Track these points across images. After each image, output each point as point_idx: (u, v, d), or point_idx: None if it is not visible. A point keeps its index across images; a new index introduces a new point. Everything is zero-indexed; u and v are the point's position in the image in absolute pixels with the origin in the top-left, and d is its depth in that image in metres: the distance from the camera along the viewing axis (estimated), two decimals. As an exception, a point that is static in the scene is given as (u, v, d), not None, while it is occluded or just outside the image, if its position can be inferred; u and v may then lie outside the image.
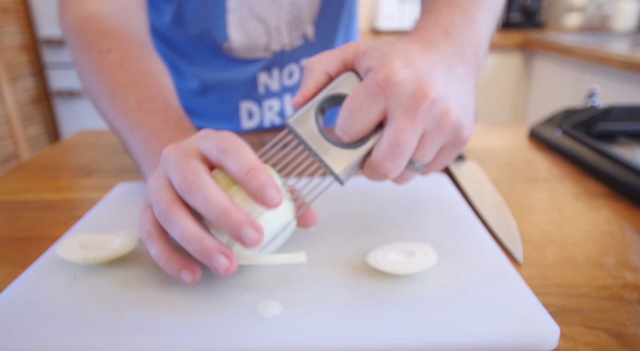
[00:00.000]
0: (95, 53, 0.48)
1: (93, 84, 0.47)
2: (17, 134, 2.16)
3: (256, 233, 0.29)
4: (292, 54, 0.71)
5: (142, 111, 0.43)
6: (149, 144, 0.41)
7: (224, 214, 0.29)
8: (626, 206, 0.48)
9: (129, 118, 0.44)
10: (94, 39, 0.48)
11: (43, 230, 0.44)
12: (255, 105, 0.75)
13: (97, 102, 0.48)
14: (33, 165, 0.63)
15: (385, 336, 0.27)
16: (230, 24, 0.65)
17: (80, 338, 0.28)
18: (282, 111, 0.77)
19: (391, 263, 0.33)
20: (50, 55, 2.25)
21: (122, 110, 0.44)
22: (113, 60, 0.47)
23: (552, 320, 0.29)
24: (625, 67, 1.44)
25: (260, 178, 0.29)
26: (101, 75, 0.46)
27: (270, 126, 0.78)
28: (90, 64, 0.48)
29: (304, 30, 0.69)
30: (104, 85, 0.46)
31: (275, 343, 0.27)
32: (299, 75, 0.75)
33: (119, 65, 0.46)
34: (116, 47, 0.48)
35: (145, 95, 0.44)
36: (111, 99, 0.45)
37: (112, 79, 0.46)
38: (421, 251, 0.34)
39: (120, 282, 0.33)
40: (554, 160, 0.62)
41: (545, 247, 0.40)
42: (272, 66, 0.72)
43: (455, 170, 0.56)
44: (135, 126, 0.43)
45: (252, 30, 0.66)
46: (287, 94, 0.76)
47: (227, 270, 0.29)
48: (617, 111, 0.67)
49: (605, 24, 2.26)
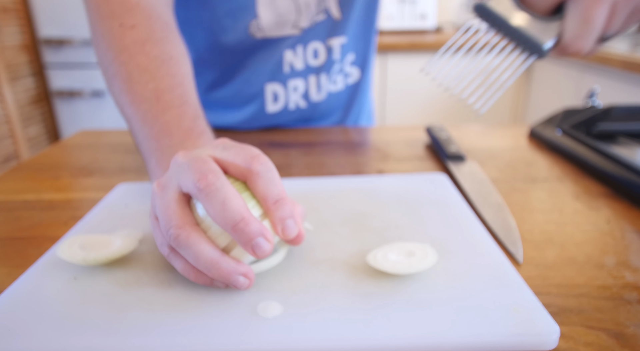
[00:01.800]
0: (117, 26, 0.46)
1: (110, 60, 0.45)
2: (17, 134, 2.16)
3: (269, 244, 0.29)
4: (315, 30, 0.71)
5: (159, 103, 0.42)
6: (160, 141, 0.40)
7: (243, 222, 0.29)
8: (626, 206, 0.48)
9: (143, 108, 0.42)
10: (118, 11, 0.46)
11: (43, 230, 0.44)
12: (281, 86, 0.75)
13: (111, 80, 0.46)
14: (33, 165, 0.63)
15: (385, 336, 0.27)
16: (259, 2, 0.64)
17: (80, 338, 0.28)
18: (306, 92, 0.76)
19: (391, 263, 0.33)
20: (50, 55, 2.25)
21: (137, 97, 0.43)
22: (136, 39, 0.45)
23: (552, 320, 0.29)
24: (625, 67, 1.44)
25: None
26: (120, 53, 0.45)
27: (294, 108, 0.77)
28: (111, 37, 0.46)
29: (326, 4, 0.69)
30: (122, 65, 0.44)
31: (275, 343, 0.27)
32: (325, 55, 0.74)
33: (141, 46, 0.44)
34: (140, 24, 0.46)
35: (164, 85, 0.43)
36: (127, 82, 0.44)
37: (132, 59, 0.44)
38: (421, 251, 0.34)
39: (120, 283, 0.33)
40: (554, 160, 0.62)
41: (545, 247, 0.40)
42: (297, 43, 0.71)
43: (455, 170, 0.56)
44: (149, 118, 0.41)
45: (282, 7, 0.65)
46: (312, 75, 0.75)
47: (246, 288, 0.31)
48: (617, 111, 0.67)
49: (605, 23, 2.26)
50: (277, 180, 0.32)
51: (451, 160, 0.59)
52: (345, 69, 0.80)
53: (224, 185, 0.29)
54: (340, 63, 0.78)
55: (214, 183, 0.29)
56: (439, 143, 0.63)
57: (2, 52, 2.06)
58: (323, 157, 0.63)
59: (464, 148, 0.66)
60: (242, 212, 0.29)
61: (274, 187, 0.31)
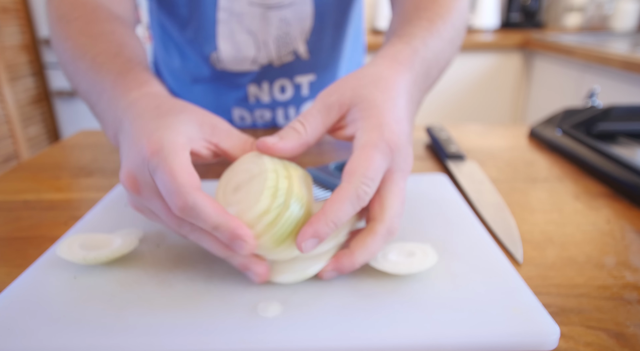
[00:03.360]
0: (65, 23, 0.46)
1: (60, 53, 0.46)
2: (17, 134, 2.16)
3: (245, 242, 0.29)
4: (282, 69, 0.71)
5: (95, 66, 0.41)
6: (100, 102, 0.39)
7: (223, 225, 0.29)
8: (626, 206, 0.48)
9: (86, 78, 0.41)
10: (66, 11, 0.47)
11: (43, 230, 0.44)
12: (247, 112, 0.76)
13: (66, 72, 0.46)
14: (33, 165, 0.63)
15: (385, 336, 0.27)
16: (220, 35, 0.65)
17: (80, 338, 0.28)
18: (274, 120, 0.77)
19: (391, 263, 0.33)
20: (50, 55, 2.25)
21: (81, 71, 0.42)
22: (78, 26, 0.45)
23: (552, 320, 0.29)
24: (625, 67, 1.44)
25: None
26: (65, 41, 0.45)
27: (262, 126, 0.78)
28: (59, 33, 0.46)
29: (294, 46, 0.68)
30: (67, 51, 0.44)
31: (275, 343, 0.27)
32: (292, 91, 0.74)
33: (82, 29, 0.45)
34: (83, 15, 0.46)
35: (99, 49, 0.42)
36: (72, 62, 0.43)
37: (74, 42, 0.44)
38: (421, 251, 0.34)
39: (120, 282, 0.33)
40: (554, 160, 0.62)
41: (545, 247, 0.40)
42: (261, 79, 0.71)
43: (455, 170, 0.56)
44: (90, 83, 0.41)
45: (241, 42, 0.66)
46: (280, 108, 0.76)
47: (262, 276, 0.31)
48: (617, 111, 0.67)
49: (605, 24, 2.26)
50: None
51: (451, 160, 0.59)
52: None
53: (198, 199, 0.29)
54: (312, 99, 0.78)
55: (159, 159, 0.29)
56: (439, 143, 0.63)
57: (2, 52, 2.06)
58: (322, 156, 0.63)
59: (464, 148, 0.66)
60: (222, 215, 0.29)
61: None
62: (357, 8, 0.74)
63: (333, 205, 0.30)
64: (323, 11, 0.66)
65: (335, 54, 0.74)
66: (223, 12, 0.63)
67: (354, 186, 0.30)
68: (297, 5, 0.64)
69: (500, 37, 2.10)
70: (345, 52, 0.77)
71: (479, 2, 2.32)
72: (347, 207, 0.30)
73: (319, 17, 0.66)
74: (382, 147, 0.31)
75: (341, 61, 0.76)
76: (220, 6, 0.62)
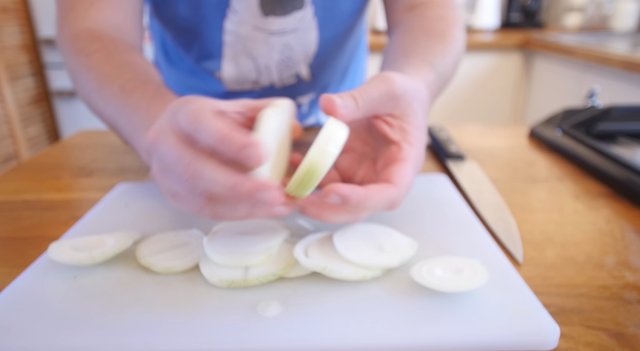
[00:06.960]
0: (84, 56, 0.49)
1: (83, 83, 0.48)
2: (17, 134, 2.16)
3: (258, 150, 0.28)
4: (283, 90, 0.71)
5: (124, 92, 0.44)
6: (132, 121, 0.42)
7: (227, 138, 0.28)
8: (626, 206, 0.48)
9: (114, 103, 0.44)
10: (83, 45, 0.50)
11: (43, 230, 0.44)
12: None
13: (88, 100, 0.48)
14: (33, 165, 0.63)
15: (385, 336, 0.27)
16: (225, 56, 0.66)
17: (80, 338, 0.28)
18: None
19: (437, 279, 0.31)
20: (50, 55, 2.25)
21: (108, 98, 0.45)
22: (99, 58, 0.48)
23: (552, 320, 0.29)
24: (625, 67, 1.44)
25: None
26: (89, 72, 0.47)
27: None
28: (79, 66, 0.49)
29: (297, 70, 0.69)
30: (92, 81, 0.47)
31: (275, 343, 0.27)
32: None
33: (105, 60, 0.47)
34: (102, 47, 0.49)
35: (127, 78, 0.45)
36: (98, 90, 0.46)
37: (98, 73, 0.46)
38: (469, 267, 0.32)
39: (120, 282, 0.33)
40: (554, 160, 0.62)
41: (545, 247, 0.40)
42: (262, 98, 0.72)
43: (455, 170, 0.56)
44: (120, 107, 0.43)
45: (243, 65, 0.67)
46: None
47: (274, 201, 0.29)
48: (617, 111, 0.67)
49: (605, 24, 2.26)
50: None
51: (451, 160, 0.59)
52: (320, 120, 0.81)
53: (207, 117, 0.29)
54: (314, 114, 0.79)
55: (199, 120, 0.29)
56: (439, 143, 0.63)
57: (2, 52, 2.06)
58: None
59: (464, 148, 0.66)
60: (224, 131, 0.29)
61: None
62: (361, 26, 0.74)
63: (377, 195, 0.32)
64: (328, 37, 0.66)
65: (338, 73, 0.75)
66: (229, 35, 0.63)
67: (399, 191, 0.33)
68: (301, 31, 0.64)
69: (500, 37, 2.10)
70: (348, 68, 0.78)
71: (479, 2, 2.32)
72: (381, 204, 0.33)
73: (324, 42, 0.67)
74: (418, 166, 0.36)
75: (343, 77, 0.78)
76: (226, 29, 0.63)
